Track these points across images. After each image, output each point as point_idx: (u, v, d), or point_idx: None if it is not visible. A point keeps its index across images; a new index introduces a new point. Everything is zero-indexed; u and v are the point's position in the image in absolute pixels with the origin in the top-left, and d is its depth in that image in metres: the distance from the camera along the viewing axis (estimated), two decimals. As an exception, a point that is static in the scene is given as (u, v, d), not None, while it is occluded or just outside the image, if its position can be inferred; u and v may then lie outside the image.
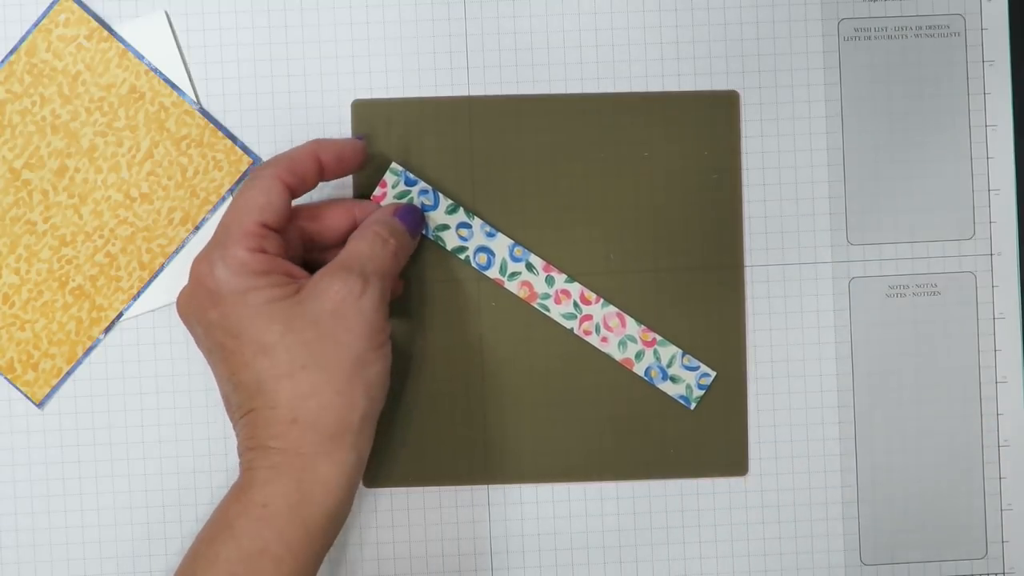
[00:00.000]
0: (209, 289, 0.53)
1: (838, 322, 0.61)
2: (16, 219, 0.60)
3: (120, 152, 0.60)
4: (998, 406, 0.61)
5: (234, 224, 0.54)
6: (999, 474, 0.61)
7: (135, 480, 0.60)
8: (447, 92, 0.61)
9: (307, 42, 0.60)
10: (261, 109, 0.60)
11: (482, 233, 0.60)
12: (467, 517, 0.61)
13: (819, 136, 0.61)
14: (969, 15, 0.61)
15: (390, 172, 0.59)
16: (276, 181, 0.54)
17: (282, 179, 0.55)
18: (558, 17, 0.61)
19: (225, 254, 0.53)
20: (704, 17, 0.61)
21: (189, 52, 0.60)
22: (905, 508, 0.61)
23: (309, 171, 0.56)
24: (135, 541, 0.60)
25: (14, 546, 0.60)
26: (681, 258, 0.61)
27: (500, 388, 0.61)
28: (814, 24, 0.61)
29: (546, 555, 0.61)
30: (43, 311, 0.60)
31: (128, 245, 0.60)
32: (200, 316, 0.54)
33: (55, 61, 0.60)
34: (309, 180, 0.56)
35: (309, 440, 0.53)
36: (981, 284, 0.61)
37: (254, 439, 0.53)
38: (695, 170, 0.61)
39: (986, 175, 0.61)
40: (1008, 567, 0.61)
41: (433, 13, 0.61)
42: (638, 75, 0.61)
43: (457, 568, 0.61)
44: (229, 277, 0.53)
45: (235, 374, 0.53)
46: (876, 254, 0.61)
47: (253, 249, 0.53)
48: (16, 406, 0.60)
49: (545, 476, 0.61)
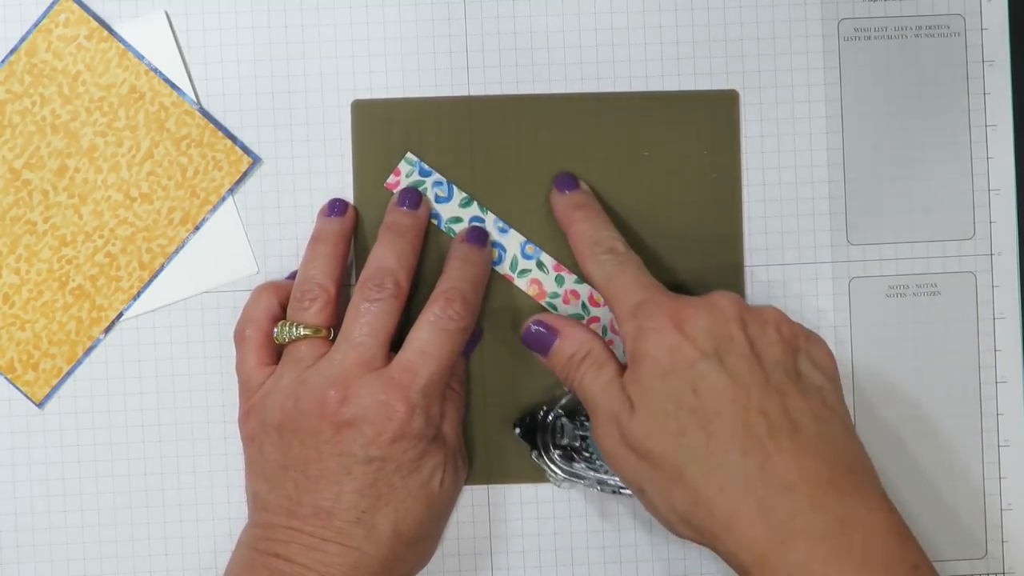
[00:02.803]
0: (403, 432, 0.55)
1: (838, 322, 0.61)
2: (16, 219, 0.60)
3: (120, 152, 0.60)
4: (998, 406, 0.61)
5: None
6: (999, 474, 0.61)
7: (135, 480, 0.60)
8: (447, 92, 0.61)
9: (307, 42, 0.60)
10: (261, 109, 0.60)
11: (495, 228, 0.60)
12: (467, 517, 0.61)
13: (819, 136, 0.61)
14: (969, 15, 0.61)
15: (404, 161, 0.60)
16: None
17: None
18: (558, 17, 0.61)
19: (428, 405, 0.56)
20: (704, 17, 0.61)
21: (189, 52, 0.60)
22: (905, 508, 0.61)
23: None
24: (135, 541, 0.60)
25: (14, 546, 0.60)
26: (681, 258, 0.61)
27: (500, 388, 0.61)
28: (814, 24, 0.61)
29: (546, 555, 0.61)
30: (43, 311, 0.60)
31: (128, 245, 0.60)
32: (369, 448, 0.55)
33: (55, 61, 0.60)
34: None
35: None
36: (981, 284, 0.61)
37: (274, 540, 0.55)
38: (695, 170, 0.61)
39: (986, 175, 0.61)
40: (1008, 567, 0.61)
41: (433, 13, 0.61)
42: (638, 75, 0.61)
43: (457, 568, 0.61)
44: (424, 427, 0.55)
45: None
46: (876, 254, 0.61)
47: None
48: (16, 406, 0.60)
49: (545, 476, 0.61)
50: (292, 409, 0.55)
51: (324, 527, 0.54)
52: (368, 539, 0.54)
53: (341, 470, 0.54)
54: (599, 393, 0.54)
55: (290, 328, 0.57)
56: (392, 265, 0.57)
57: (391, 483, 0.54)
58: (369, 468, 0.54)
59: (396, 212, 0.59)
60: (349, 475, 0.54)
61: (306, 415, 0.54)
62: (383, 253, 0.57)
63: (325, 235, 0.59)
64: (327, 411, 0.54)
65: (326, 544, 0.54)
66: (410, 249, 0.58)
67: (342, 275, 0.59)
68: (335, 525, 0.54)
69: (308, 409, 0.54)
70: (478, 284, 0.58)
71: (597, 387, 0.54)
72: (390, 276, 0.56)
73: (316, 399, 0.54)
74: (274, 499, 0.55)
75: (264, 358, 0.58)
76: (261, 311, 0.58)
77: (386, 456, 0.54)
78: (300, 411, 0.55)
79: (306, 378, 0.55)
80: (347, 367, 0.55)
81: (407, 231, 0.58)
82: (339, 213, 0.59)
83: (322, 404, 0.54)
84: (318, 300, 0.57)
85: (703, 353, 0.52)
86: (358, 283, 0.57)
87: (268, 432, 0.56)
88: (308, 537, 0.54)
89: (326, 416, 0.54)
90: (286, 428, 0.55)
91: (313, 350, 0.56)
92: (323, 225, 0.59)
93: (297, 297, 0.58)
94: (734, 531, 0.50)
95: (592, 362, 0.54)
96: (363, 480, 0.54)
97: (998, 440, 0.61)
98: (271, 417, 0.55)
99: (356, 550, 0.54)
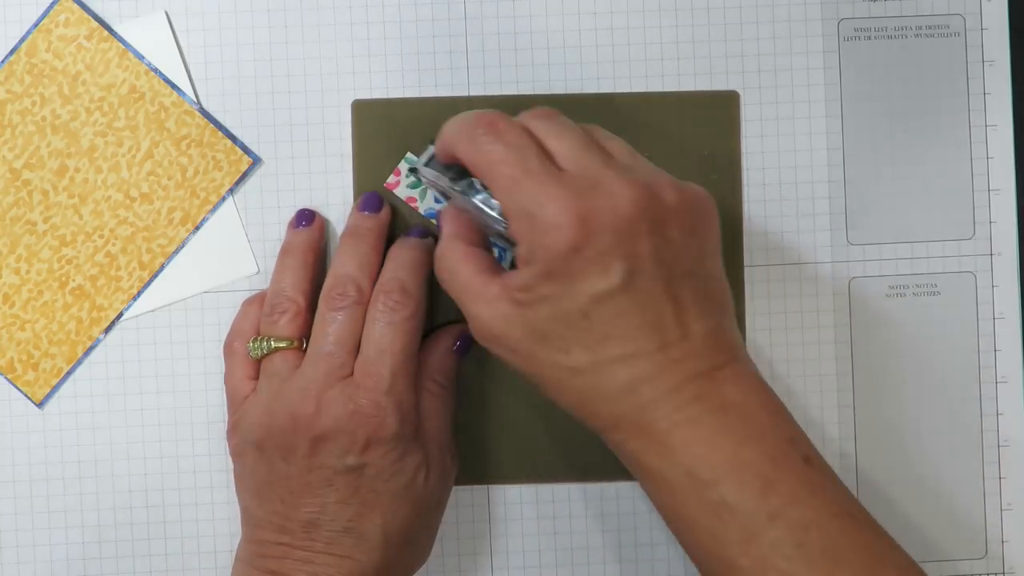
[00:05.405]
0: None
1: (838, 322, 0.61)
2: (16, 219, 0.60)
3: (120, 152, 0.60)
4: (998, 406, 0.61)
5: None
6: (999, 474, 0.61)
7: (135, 480, 0.60)
8: (447, 92, 0.61)
9: (307, 42, 0.60)
10: (261, 109, 0.60)
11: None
12: (467, 517, 0.61)
13: (819, 136, 0.61)
14: (969, 15, 0.61)
15: (404, 161, 0.60)
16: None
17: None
18: (558, 17, 0.61)
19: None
20: (704, 17, 0.61)
21: (189, 52, 0.60)
22: (905, 508, 0.61)
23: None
24: (135, 541, 0.60)
25: (14, 546, 0.60)
26: (681, 258, 0.61)
27: (501, 387, 0.61)
28: (814, 24, 0.61)
29: (546, 555, 0.61)
30: (43, 311, 0.60)
31: (128, 245, 0.60)
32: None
33: (55, 61, 0.60)
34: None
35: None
36: (981, 284, 0.61)
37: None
38: (695, 170, 0.61)
39: (986, 175, 0.61)
40: (1008, 567, 0.61)
41: (433, 13, 0.61)
42: (638, 75, 0.61)
43: (457, 568, 0.61)
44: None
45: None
46: (876, 254, 0.61)
47: None
48: (16, 406, 0.60)
49: (545, 476, 0.61)
50: (269, 425, 0.55)
51: (314, 540, 0.54)
52: (358, 547, 0.54)
53: (323, 483, 0.54)
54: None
55: (262, 342, 0.57)
56: (353, 272, 0.57)
57: (374, 488, 0.54)
58: (349, 477, 0.54)
59: (357, 216, 0.59)
60: (331, 487, 0.54)
61: (283, 431, 0.55)
62: (343, 260, 0.57)
63: (293, 247, 0.59)
64: (301, 425, 0.54)
65: (318, 556, 0.54)
66: (372, 252, 0.57)
67: (312, 285, 0.58)
68: (324, 536, 0.54)
69: (283, 425, 0.55)
70: (416, 267, 0.57)
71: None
72: (352, 283, 0.56)
73: (290, 414, 0.55)
74: (263, 515, 0.55)
75: (250, 371, 0.58)
76: (248, 324, 0.58)
77: (364, 463, 0.54)
78: (276, 427, 0.55)
79: (280, 393, 0.55)
80: (318, 378, 0.55)
81: (367, 234, 0.58)
82: (307, 223, 0.59)
83: (295, 419, 0.54)
84: (287, 312, 0.57)
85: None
86: (322, 294, 0.57)
87: (250, 449, 0.56)
88: (300, 551, 0.54)
89: (300, 431, 0.54)
90: (266, 445, 0.55)
91: (288, 362, 0.56)
92: (291, 237, 0.59)
93: (267, 312, 0.58)
94: (620, 430, 0.51)
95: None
96: (345, 490, 0.54)
97: (998, 440, 0.61)
98: (251, 434, 0.56)
99: (348, 559, 0.54)
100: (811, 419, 0.61)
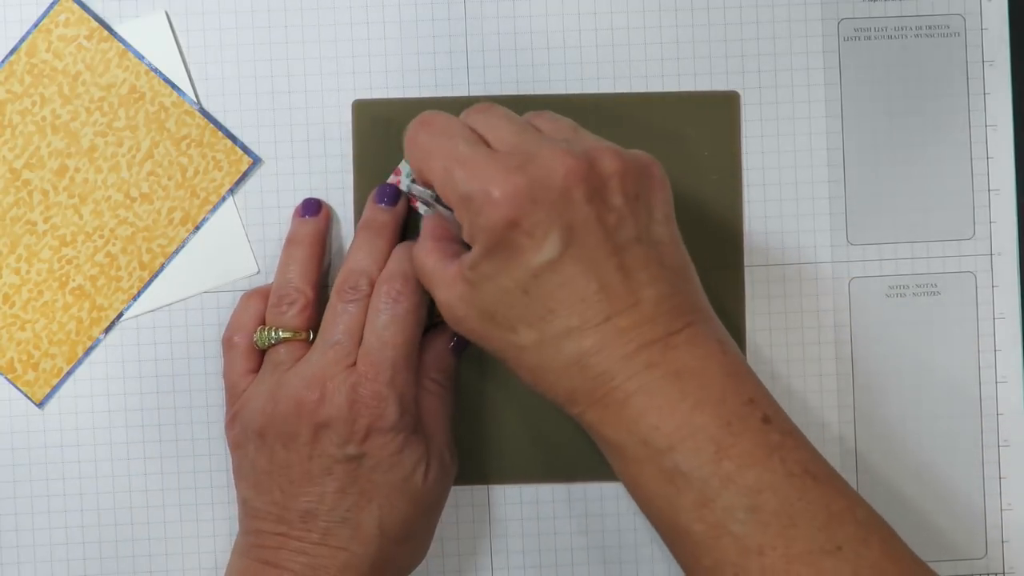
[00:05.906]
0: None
1: (838, 322, 0.61)
2: (16, 219, 0.60)
3: (120, 152, 0.60)
4: (998, 406, 0.61)
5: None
6: (999, 474, 0.61)
7: (135, 480, 0.60)
8: (447, 92, 0.61)
9: (307, 42, 0.60)
10: (261, 109, 0.60)
11: None
12: (467, 517, 0.61)
13: (819, 136, 0.61)
14: (969, 15, 0.61)
15: (404, 161, 0.60)
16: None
17: None
18: (558, 17, 0.61)
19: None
20: (704, 17, 0.61)
21: (189, 52, 0.60)
22: (905, 508, 0.61)
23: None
24: (135, 541, 0.60)
25: (14, 546, 0.60)
26: (681, 258, 0.61)
27: (500, 387, 0.61)
28: (814, 24, 0.61)
29: (546, 555, 0.61)
30: (43, 311, 0.60)
31: (128, 245, 0.60)
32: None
33: (55, 61, 0.60)
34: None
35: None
36: (981, 284, 0.61)
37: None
38: (695, 170, 0.61)
39: (986, 175, 0.61)
40: (1008, 567, 0.61)
41: (433, 13, 0.61)
42: (638, 75, 0.61)
43: (457, 568, 0.61)
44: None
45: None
46: (876, 254, 0.61)
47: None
48: (16, 406, 0.60)
49: (545, 476, 0.61)
50: (272, 413, 0.55)
51: (310, 530, 0.54)
52: (355, 538, 0.54)
53: (322, 471, 0.54)
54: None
55: (269, 332, 0.57)
56: (366, 266, 0.57)
57: (373, 480, 0.54)
58: (349, 467, 0.54)
59: (373, 209, 0.59)
60: (330, 475, 0.54)
61: (285, 418, 0.54)
62: (358, 254, 0.57)
63: (300, 237, 0.59)
64: (304, 412, 0.54)
65: (314, 547, 0.54)
66: (387, 246, 0.57)
67: (319, 276, 0.59)
68: (321, 526, 0.54)
69: (287, 412, 0.55)
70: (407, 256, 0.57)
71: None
72: (364, 277, 0.56)
73: (294, 400, 0.54)
74: (262, 505, 0.55)
75: (250, 365, 0.58)
76: (248, 318, 0.58)
77: (364, 452, 0.54)
78: (279, 414, 0.55)
79: (284, 381, 0.55)
80: (324, 366, 0.55)
81: (383, 228, 0.58)
82: (313, 213, 0.59)
83: (300, 405, 0.54)
84: (296, 303, 0.57)
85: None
86: (334, 286, 0.57)
87: (251, 438, 0.56)
88: (296, 542, 0.54)
89: (303, 417, 0.54)
90: (268, 433, 0.55)
91: (292, 353, 0.56)
92: (297, 227, 0.59)
93: (275, 302, 0.58)
94: (577, 403, 0.51)
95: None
96: (344, 479, 0.54)
97: (998, 440, 0.61)
98: (253, 423, 0.56)
99: (344, 551, 0.54)
100: (811, 419, 0.61)
